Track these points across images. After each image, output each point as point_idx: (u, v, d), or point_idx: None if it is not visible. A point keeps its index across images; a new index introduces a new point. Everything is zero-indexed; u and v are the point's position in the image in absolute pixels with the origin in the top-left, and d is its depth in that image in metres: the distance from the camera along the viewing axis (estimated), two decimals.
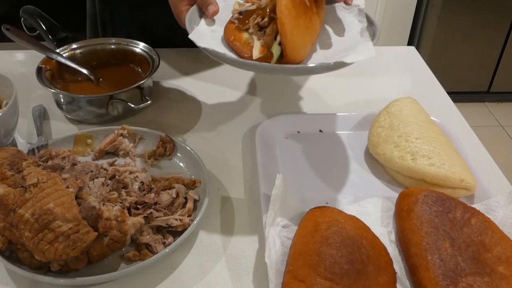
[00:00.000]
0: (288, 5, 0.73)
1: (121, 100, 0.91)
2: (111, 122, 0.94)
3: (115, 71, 1.03)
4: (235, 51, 0.80)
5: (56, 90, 0.91)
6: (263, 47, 0.77)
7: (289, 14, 0.73)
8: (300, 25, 0.75)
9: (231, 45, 0.80)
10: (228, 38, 0.80)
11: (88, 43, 1.05)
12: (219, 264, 0.70)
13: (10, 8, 2.23)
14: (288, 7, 0.73)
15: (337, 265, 0.61)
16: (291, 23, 0.73)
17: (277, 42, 0.76)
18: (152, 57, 1.00)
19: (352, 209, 0.74)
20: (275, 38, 0.76)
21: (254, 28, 0.79)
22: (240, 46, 0.79)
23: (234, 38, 0.80)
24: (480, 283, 0.61)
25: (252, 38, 0.79)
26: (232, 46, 0.80)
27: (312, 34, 0.79)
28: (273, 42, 0.76)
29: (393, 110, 0.88)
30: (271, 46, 0.76)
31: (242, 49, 0.78)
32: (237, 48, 0.79)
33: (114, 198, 0.71)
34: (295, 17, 0.74)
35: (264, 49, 0.77)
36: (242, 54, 0.78)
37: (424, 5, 2.60)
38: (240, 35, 0.80)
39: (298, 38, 0.75)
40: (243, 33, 0.80)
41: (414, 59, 1.23)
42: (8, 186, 0.66)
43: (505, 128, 2.76)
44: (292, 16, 0.73)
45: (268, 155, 0.86)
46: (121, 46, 1.04)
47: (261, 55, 0.76)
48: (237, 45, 0.79)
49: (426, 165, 0.78)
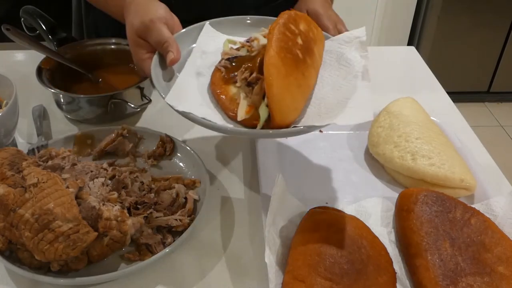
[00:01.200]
0: (276, 63, 0.63)
1: (121, 100, 0.91)
2: (111, 122, 0.94)
3: (115, 71, 1.02)
4: (220, 105, 0.71)
5: (56, 90, 0.91)
6: (249, 106, 0.68)
7: (278, 74, 0.63)
8: (291, 85, 0.66)
9: (216, 97, 0.72)
10: (214, 90, 0.72)
11: (88, 43, 1.05)
12: (219, 264, 0.70)
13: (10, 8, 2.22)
14: (277, 65, 0.63)
15: (337, 265, 0.61)
16: (279, 84, 0.64)
17: (264, 103, 0.67)
18: None
19: (352, 209, 0.74)
20: (263, 98, 0.67)
21: (241, 83, 0.71)
22: (226, 102, 0.70)
23: (220, 91, 0.71)
24: (480, 283, 0.61)
25: (238, 92, 0.71)
26: (217, 99, 0.71)
27: (304, 92, 0.69)
28: (261, 101, 0.68)
29: (393, 110, 0.88)
30: (259, 106, 0.68)
31: (227, 106, 0.70)
32: (222, 103, 0.71)
33: (114, 198, 0.71)
34: (284, 76, 0.64)
35: (250, 109, 0.68)
36: (227, 112, 0.70)
37: (424, 5, 2.59)
38: (227, 89, 0.72)
39: (288, 101, 0.65)
40: (230, 86, 0.72)
41: (414, 59, 1.23)
42: (8, 186, 0.66)
43: (505, 128, 2.76)
44: (281, 75, 0.64)
45: (268, 155, 0.86)
46: (121, 46, 1.04)
47: (247, 116, 0.68)
48: (222, 100, 0.71)
49: (426, 165, 0.78)
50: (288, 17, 0.70)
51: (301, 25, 0.72)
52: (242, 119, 0.68)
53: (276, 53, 0.64)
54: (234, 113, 0.69)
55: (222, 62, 0.74)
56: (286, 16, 0.70)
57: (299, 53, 0.68)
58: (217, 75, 0.73)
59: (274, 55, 0.63)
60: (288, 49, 0.66)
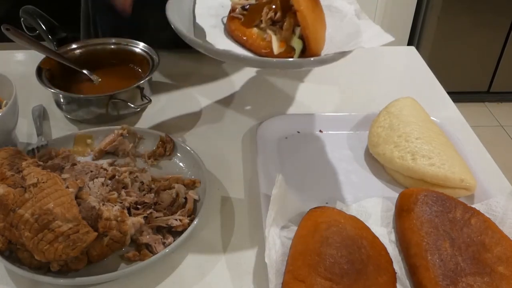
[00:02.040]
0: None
1: (121, 100, 0.91)
2: (111, 122, 0.94)
3: (115, 71, 1.02)
4: (248, 47, 0.78)
5: (56, 90, 0.91)
6: (281, 41, 0.76)
7: (308, 6, 0.72)
8: (317, 17, 0.74)
9: (241, 41, 0.79)
10: (238, 35, 0.79)
11: (88, 43, 1.05)
12: (219, 264, 0.70)
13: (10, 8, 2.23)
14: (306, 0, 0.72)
15: (337, 265, 0.61)
16: (311, 15, 0.72)
17: (296, 36, 0.75)
18: (152, 57, 1.00)
19: (352, 209, 0.74)
20: (293, 32, 0.75)
21: (267, 23, 0.78)
22: (255, 42, 0.77)
23: (243, 34, 0.78)
24: (480, 283, 0.61)
25: (264, 33, 0.78)
26: (244, 42, 0.78)
27: (325, 26, 0.78)
28: (291, 36, 0.75)
29: (393, 110, 0.88)
30: (290, 40, 0.75)
31: (257, 45, 0.77)
32: (250, 44, 0.78)
33: (114, 198, 0.71)
34: (312, 10, 0.73)
35: (283, 44, 0.76)
36: (259, 50, 0.77)
37: (424, 5, 2.59)
38: (251, 31, 0.79)
39: (319, 30, 0.74)
40: (252, 29, 0.79)
41: (414, 59, 1.23)
42: (8, 186, 0.66)
43: (505, 128, 2.76)
44: (310, 8, 0.72)
45: (268, 155, 0.86)
46: (121, 46, 1.04)
47: (282, 50, 0.75)
48: (249, 42, 0.78)
49: (426, 165, 0.78)
50: None
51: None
52: (278, 53, 0.74)
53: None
54: (266, 49, 0.75)
55: (237, 11, 0.81)
56: None
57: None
58: (236, 22, 0.80)
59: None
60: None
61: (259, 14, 0.79)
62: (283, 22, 0.77)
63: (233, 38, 0.81)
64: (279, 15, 0.77)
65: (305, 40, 0.73)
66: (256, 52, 0.77)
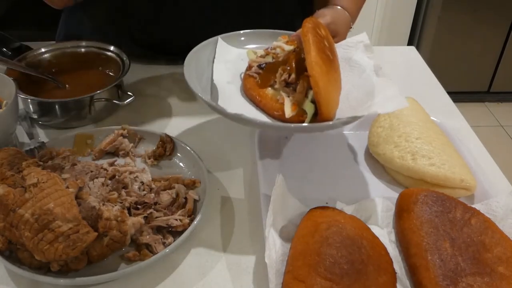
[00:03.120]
0: (318, 61, 0.70)
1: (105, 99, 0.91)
2: (97, 122, 0.94)
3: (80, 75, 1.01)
4: (261, 108, 0.78)
5: (37, 99, 0.89)
6: (294, 104, 0.75)
7: (321, 71, 0.70)
8: (331, 81, 0.73)
9: (255, 101, 0.79)
10: (252, 95, 0.79)
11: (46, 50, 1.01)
12: (219, 264, 0.70)
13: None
14: (319, 63, 0.70)
15: (337, 265, 0.61)
16: (324, 79, 0.71)
17: (309, 100, 0.74)
18: (123, 59, 0.99)
19: (352, 209, 0.74)
20: (306, 95, 0.74)
21: (280, 85, 0.77)
22: (268, 104, 0.77)
23: (258, 94, 0.78)
24: (480, 283, 0.61)
25: (278, 94, 0.78)
26: (257, 102, 0.78)
27: (339, 87, 0.77)
28: (304, 99, 0.75)
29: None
30: (302, 103, 0.75)
31: (270, 106, 0.77)
32: (263, 105, 0.78)
33: (114, 198, 0.71)
34: (326, 73, 0.71)
35: (295, 107, 0.75)
36: (271, 112, 0.77)
37: (424, 5, 2.60)
38: (265, 92, 0.79)
39: (332, 94, 0.73)
40: (266, 89, 0.79)
41: (414, 59, 1.23)
42: (8, 186, 0.66)
43: (505, 128, 2.76)
44: (324, 72, 0.71)
45: (268, 155, 0.86)
46: (90, 49, 1.03)
47: (293, 113, 0.74)
48: (263, 102, 0.78)
49: (426, 165, 0.78)
50: (313, 22, 0.77)
51: (322, 30, 0.78)
52: (289, 116, 0.74)
53: (316, 53, 0.71)
54: (278, 111, 0.75)
55: (253, 69, 0.82)
56: (312, 22, 0.76)
57: (329, 54, 0.75)
58: (251, 81, 0.81)
59: (316, 55, 0.70)
60: (322, 50, 0.73)
61: (274, 75, 0.79)
62: (297, 84, 0.76)
63: (248, 97, 0.81)
64: (293, 77, 0.77)
65: (316, 105, 0.72)
66: (268, 113, 0.77)
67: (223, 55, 0.88)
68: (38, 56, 1.00)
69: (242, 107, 0.78)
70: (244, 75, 0.83)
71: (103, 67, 1.02)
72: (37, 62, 1.00)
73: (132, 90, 0.96)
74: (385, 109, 0.72)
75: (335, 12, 0.95)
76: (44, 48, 1.01)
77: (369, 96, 0.76)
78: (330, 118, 0.73)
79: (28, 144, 0.88)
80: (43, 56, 1.01)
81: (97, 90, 0.91)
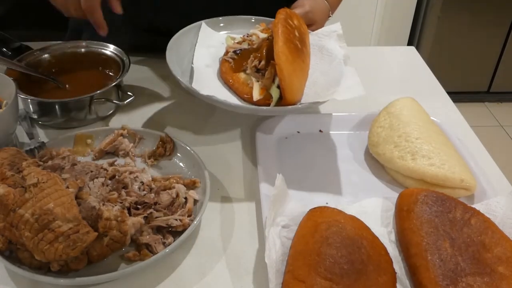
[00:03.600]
0: (284, 51, 0.77)
1: (105, 99, 0.91)
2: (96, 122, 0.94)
3: (80, 75, 1.00)
4: (233, 90, 0.85)
5: (37, 99, 0.89)
6: (262, 89, 0.82)
7: (286, 60, 0.77)
8: (296, 69, 0.79)
9: (228, 84, 0.86)
10: (226, 78, 0.86)
11: (47, 50, 1.01)
12: (219, 264, 0.70)
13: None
14: (285, 53, 0.77)
15: (337, 265, 0.61)
16: (289, 68, 0.77)
17: (275, 85, 0.80)
18: (122, 59, 0.99)
19: (352, 209, 0.74)
20: (273, 80, 0.81)
21: (251, 70, 0.84)
22: (239, 87, 0.84)
23: (232, 78, 0.85)
24: (480, 283, 0.61)
25: (249, 78, 0.84)
26: (230, 85, 0.85)
27: (304, 75, 0.84)
28: (271, 84, 0.81)
29: (393, 110, 0.88)
30: (269, 88, 0.81)
31: (241, 90, 0.83)
32: (235, 88, 0.84)
33: (114, 198, 0.71)
34: (291, 62, 0.78)
35: (263, 91, 0.82)
36: (242, 95, 0.83)
37: (424, 5, 2.60)
38: (238, 76, 0.85)
39: (295, 82, 0.79)
40: (239, 73, 0.85)
41: (414, 59, 1.23)
42: (8, 186, 0.66)
43: (505, 128, 2.76)
44: (289, 61, 0.77)
45: (268, 155, 0.86)
46: (90, 49, 1.02)
47: (261, 97, 0.81)
48: (235, 86, 0.84)
49: (426, 165, 0.78)
50: (286, 13, 0.83)
51: (295, 20, 0.85)
52: (257, 100, 0.81)
53: (284, 43, 0.77)
54: (248, 95, 0.82)
55: (229, 55, 0.88)
56: (284, 13, 0.83)
57: (298, 44, 0.81)
58: (226, 65, 0.87)
59: (283, 45, 0.77)
60: (290, 40, 0.79)
61: (247, 60, 0.85)
62: (266, 70, 0.82)
63: (223, 80, 0.87)
64: (263, 63, 0.83)
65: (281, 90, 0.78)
66: (239, 96, 0.84)
67: (206, 39, 0.93)
68: (38, 56, 1.00)
69: (216, 90, 0.82)
70: (221, 59, 0.89)
71: (103, 67, 1.02)
72: (37, 62, 0.99)
73: (132, 90, 0.96)
74: (343, 97, 0.77)
75: (313, 1, 1.00)
76: (44, 48, 1.01)
77: (334, 83, 0.83)
78: (294, 102, 0.80)
79: (28, 144, 0.88)
80: (43, 56, 1.00)
81: (97, 90, 0.91)
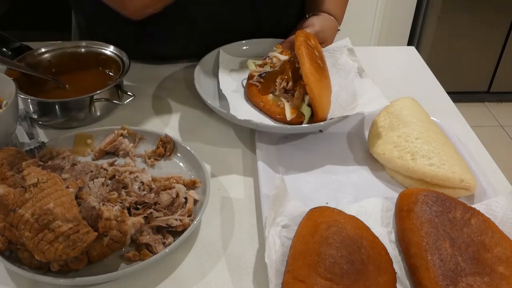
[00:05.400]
0: (312, 71, 0.83)
1: (104, 99, 0.91)
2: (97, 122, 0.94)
3: (80, 75, 1.00)
4: (264, 112, 0.92)
5: (37, 99, 0.89)
6: (293, 108, 0.89)
7: (315, 79, 0.83)
8: (323, 87, 0.85)
9: (259, 106, 0.93)
10: (256, 101, 0.93)
11: (47, 50, 1.01)
12: (219, 264, 0.70)
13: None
14: (313, 73, 0.83)
15: (337, 265, 0.61)
16: (318, 87, 0.83)
17: (305, 104, 0.87)
18: (122, 59, 0.99)
19: (352, 209, 0.74)
20: (303, 99, 0.88)
21: (280, 92, 0.91)
22: (270, 108, 0.91)
23: (261, 101, 0.92)
24: (480, 283, 0.61)
25: (278, 100, 0.91)
26: (261, 108, 0.92)
27: (330, 92, 0.90)
28: (301, 103, 0.88)
29: (393, 110, 0.88)
30: (300, 107, 0.88)
31: (273, 111, 0.90)
32: (266, 109, 0.91)
33: (114, 198, 0.71)
34: (318, 80, 0.84)
35: (294, 111, 0.89)
36: (274, 116, 0.90)
37: (424, 5, 2.59)
38: (267, 98, 0.92)
39: (324, 99, 0.86)
40: (268, 95, 0.92)
41: (414, 59, 1.23)
42: (8, 186, 0.66)
43: (505, 128, 2.76)
44: (317, 80, 0.83)
45: (268, 155, 0.86)
46: (90, 49, 1.02)
47: (293, 116, 0.88)
48: (266, 107, 0.91)
49: (426, 165, 0.78)
50: (304, 35, 0.89)
51: (312, 40, 0.91)
52: (290, 119, 0.88)
53: (310, 64, 0.84)
54: (280, 115, 0.90)
55: (255, 78, 0.95)
56: (303, 35, 0.89)
57: (320, 63, 0.87)
58: (253, 89, 0.94)
59: (310, 66, 0.83)
60: (314, 60, 0.85)
61: (273, 82, 0.92)
62: (294, 90, 0.89)
63: (251, 103, 0.94)
64: (290, 84, 0.90)
65: (312, 108, 0.85)
66: (271, 117, 0.91)
67: (227, 65, 1.01)
68: (38, 56, 1.00)
69: (249, 113, 0.90)
70: (246, 83, 0.96)
71: (103, 67, 1.02)
72: (37, 62, 0.99)
73: (132, 90, 0.96)
74: (368, 109, 0.85)
75: (323, 20, 1.05)
76: (44, 48, 1.01)
77: (354, 96, 0.89)
78: (324, 118, 0.86)
79: (28, 144, 0.88)
80: (43, 56, 1.00)
81: (97, 90, 0.91)
